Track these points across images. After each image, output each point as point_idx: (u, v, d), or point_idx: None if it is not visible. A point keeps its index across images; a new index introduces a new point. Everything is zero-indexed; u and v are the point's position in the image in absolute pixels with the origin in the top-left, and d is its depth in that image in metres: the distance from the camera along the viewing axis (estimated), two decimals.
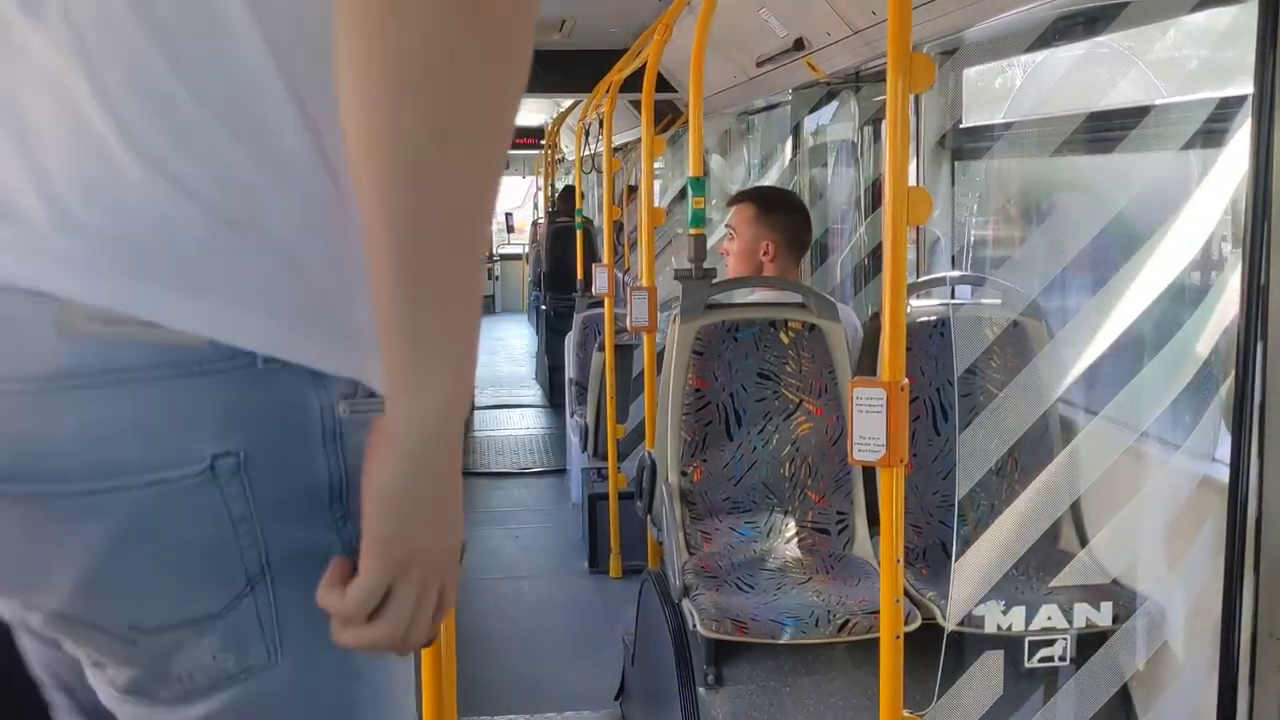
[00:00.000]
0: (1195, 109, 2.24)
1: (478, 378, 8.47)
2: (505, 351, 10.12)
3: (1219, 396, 2.04)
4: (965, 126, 3.36)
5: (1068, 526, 2.47)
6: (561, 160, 10.54)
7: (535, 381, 8.20)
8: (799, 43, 3.56)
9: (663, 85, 4.36)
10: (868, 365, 2.68)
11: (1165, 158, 2.39)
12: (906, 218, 1.67)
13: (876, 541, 2.55)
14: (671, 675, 2.40)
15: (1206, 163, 2.14)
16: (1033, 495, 2.31)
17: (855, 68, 3.61)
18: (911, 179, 3.07)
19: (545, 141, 9.86)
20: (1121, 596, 2.21)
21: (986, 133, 3.28)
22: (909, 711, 1.78)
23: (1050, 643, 2.13)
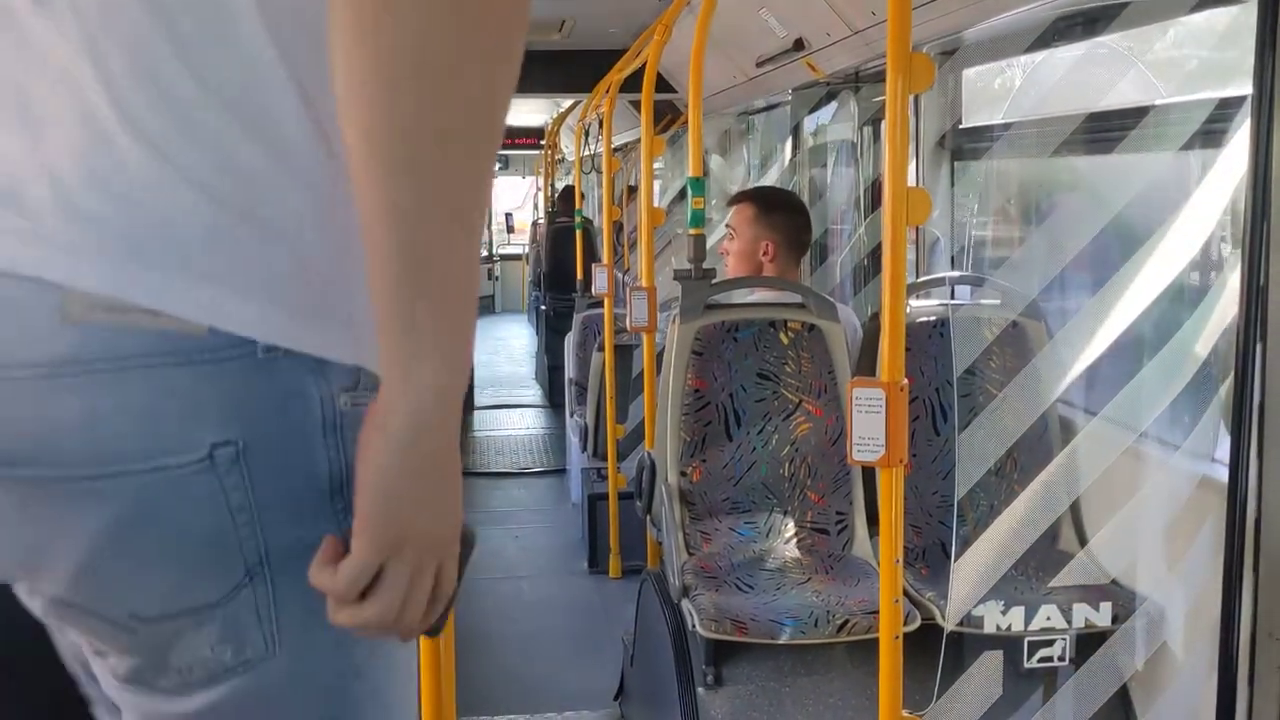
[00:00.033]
0: (1194, 109, 2.24)
1: (477, 378, 8.42)
2: (505, 351, 10.13)
3: (1218, 397, 2.04)
4: (965, 127, 3.36)
5: (1067, 527, 2.47)
6: (561, 160, 10.54)
7: (535, 381, 8.20)
8: (799, 43, 3.56)
9: (662, 85, 4.35)
10: (867, 365, 2.68)
11: (1165, 158, 2.39)
12: (906, 218, 1.67)
13: (876, 542, 2.55)
14: (671, 675, 2.40)
15: (1206, 163, 2.14)
16: (1032, 495, 2.31)
17: (855, 68, 3.61)
18: (911, 179, 3.07)
19: (545, 142, 9.87)
20: (1121, 597, 2.21)
21: (986, 133, 3.28)
22: (908, 711, 1.78)
23: (1049, 643, 2.13)
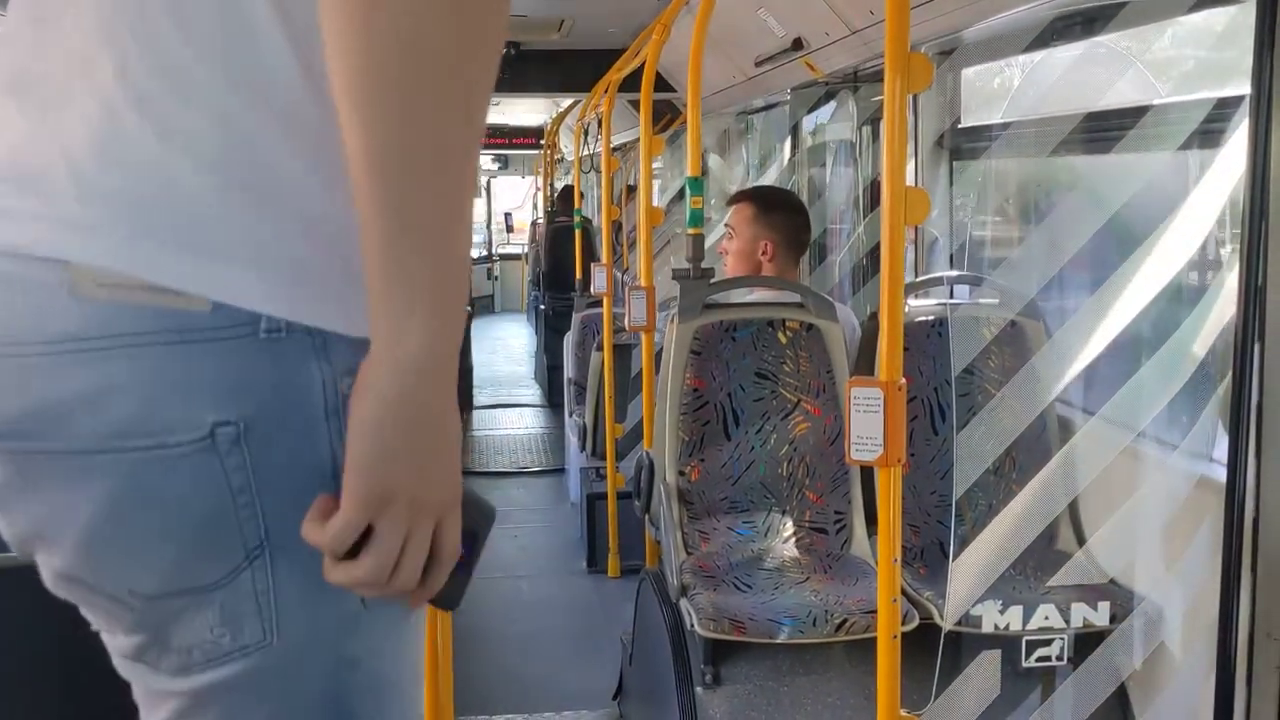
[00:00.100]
0: (1193, 109, 2.24)
1: (476, 377, 8.40)
2: (504, 351, 10.13)
3: (1216, 396, 2.04)
4: (963, 126, 3.36)
5: (1065, 526, 2.47)
6: (561, 160, 10.55)
7: (534, 381, 8.21)
8: (797, 43, 3.56)
9: (661, 85, 4.36)
10: (865, 365, 2.67)
11: (1163, 158, 2.39)
12: (904, 217, 1.67)
13: (874, 541, 2.56)
14: (669, 675, 2.40)
15: (1204, 163, 2.15)
16: (1030, 495, 2.32)
17: (853, 68, 3.61)
18: (910, 179, 3.08)
19: (544, 141, 9.86)
20: (1119, 596, 2.21)
21: (984, 133, 3.29)
22: (906, 711, 1.78)
23: (1047, 642, 2.13)
